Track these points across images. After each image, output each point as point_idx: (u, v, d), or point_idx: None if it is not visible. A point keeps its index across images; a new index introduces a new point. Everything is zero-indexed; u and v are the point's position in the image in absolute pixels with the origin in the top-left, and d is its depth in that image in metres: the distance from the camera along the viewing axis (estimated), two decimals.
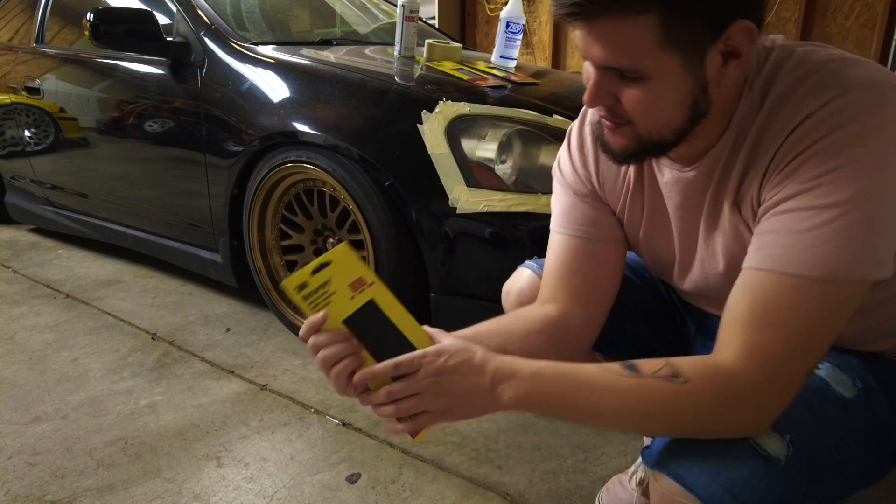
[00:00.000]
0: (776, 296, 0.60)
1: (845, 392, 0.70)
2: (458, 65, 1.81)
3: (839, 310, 0.60)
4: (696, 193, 0.74)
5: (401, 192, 1.44)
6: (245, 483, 1.20)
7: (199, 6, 1.96)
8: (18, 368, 1.66)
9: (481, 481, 1.20)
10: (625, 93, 0.64)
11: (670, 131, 0.66)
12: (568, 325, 0.85)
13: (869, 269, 0.59)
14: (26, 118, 2.58)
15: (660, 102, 0.63)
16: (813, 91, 0.62)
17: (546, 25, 4.48)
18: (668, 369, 0.62)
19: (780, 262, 0.60)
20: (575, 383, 0.65)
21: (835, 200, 0.58)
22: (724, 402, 0.61)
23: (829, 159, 0.59)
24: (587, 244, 0.86)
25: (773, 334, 0.60)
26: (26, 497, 1.17)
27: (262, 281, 1.83)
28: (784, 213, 0.61)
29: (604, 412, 0.64)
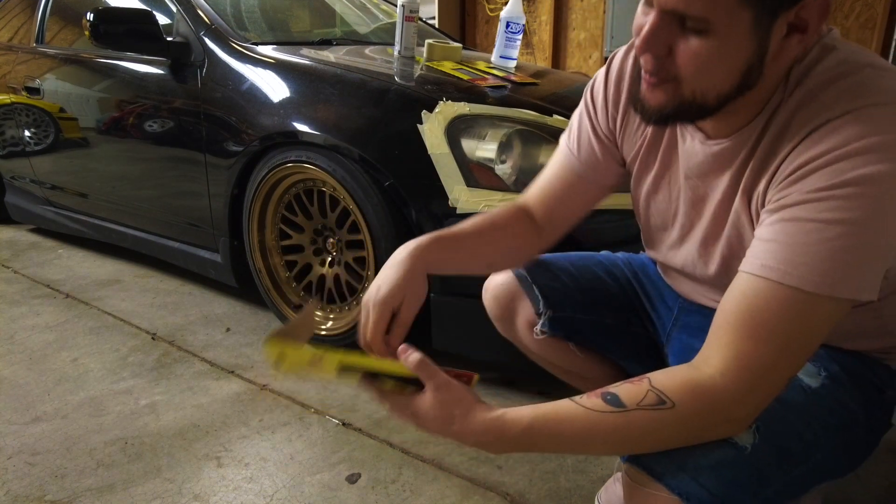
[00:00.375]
0: (769, 306, 0.60)
1: (811, 381, 0.72)
2: (458, 65, 1.81)
3: (825, 323, 0.61)
4: (715, 170, 0.73)
5: (401, 192, 1.44)
6: (245, 483, 1.20)
7: (199, 6, 1.96)
8: (18, 368, 1.66)
9: (481, 481, 1.20)
10: (682, 45, 0.61)
11: (715, 96, 0.63)
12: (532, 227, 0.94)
13: (860, 290, 0.59)
14: (26, 118, 2.58)
15: (716, 61, 0.60)
16: (840, 96, 0.60)
17: (546, 25, 4.48)
18: (653, 396, 0.62)
19: (777, 272, 0.60)
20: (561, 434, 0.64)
21: (841, 218, 0.57)
22: (710, 418, 0.62)
23: (841, 174, 0.57)
24: (577, 178, 0.91)
25: (765, 345, 0.60)
26: (26, 497, 1.17)
27: (262, 281, 1.83)
28: (787, 222, 0.60)
29: (596, 449, 0.66)
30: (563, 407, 0.64)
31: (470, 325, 1.45)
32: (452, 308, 1.46)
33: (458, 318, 1.46)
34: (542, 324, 0.99)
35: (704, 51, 0.60)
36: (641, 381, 0.64)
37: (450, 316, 1.47)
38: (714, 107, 0.65)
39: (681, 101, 0.65)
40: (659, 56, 0.63)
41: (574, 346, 1.04)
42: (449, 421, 0.67)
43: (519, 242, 0.94)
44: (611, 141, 0.88)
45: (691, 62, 0.61)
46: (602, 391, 0.64)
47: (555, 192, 0.94)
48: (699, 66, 0.61)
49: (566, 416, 0.64)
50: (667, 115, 0.67)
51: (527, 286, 0.99)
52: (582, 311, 1.00)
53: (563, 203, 0.94)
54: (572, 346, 1.03)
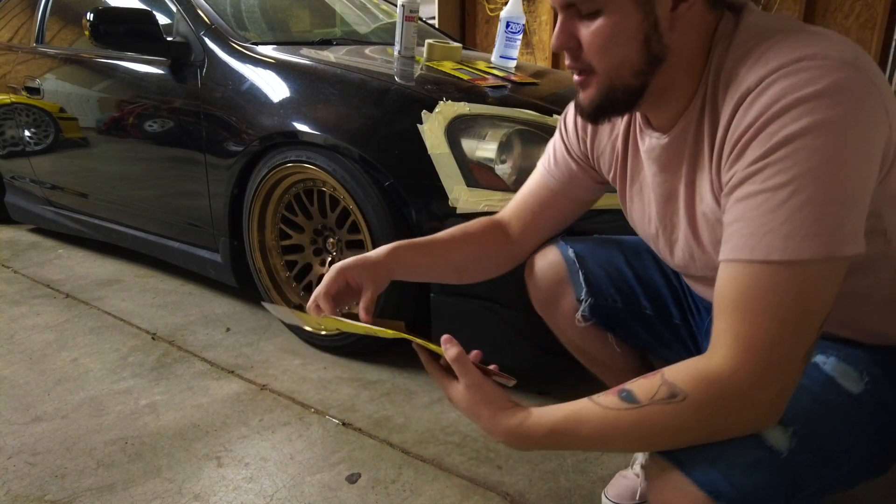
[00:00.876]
0: (749, 285, 0.60)
1: (852, 386, 0.70)
2: (458, 65, 1.81)
3: (815, 288, 0.59)
4: (672, 162, 0.75)
5: (401, 192, 1.44)
6: (245, 483, 1.20)
7: (199, 6, 1.96)
8: (18, 368, 1.66)
9: (481, 481, 1.20)
10: (583, 32, 0.67)
11: (630, 72, 0.68)
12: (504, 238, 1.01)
13: (835, 246, 0.58)
14: (26, 118, 2.58)
15: (612, 36, 0.66)
16: (755, 65, 0.62)
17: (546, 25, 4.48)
18: (665, 390, 0.62)
19: (745, 250, 0.60)
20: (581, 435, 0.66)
21: (784, 180, 0.58)
22: (724, 406, 0.61)
23: (771, 138, 0.59)
24: (552, 194, 0.98)
25: (756, 322, 0.60)
26: (26, 497, 1.17)
27: (262, 281, 1.83)
28: (741, 201, 0.61)
29: (614, 446, 0.66)
30: (582, 407, 0.66)
31: (470, 325, 1.46)
32: (452, 308, 1.46)
33: (459, 318, 1.46)
34: (583, 310, 1.00)
35: (600, 29, 0.66)
36: (655, 375, 0.64)
37: (450, 316, 1.47)
38: (636, 86, 0.69)
39: (604, 87, 0.70)
40: (571, 48, 0.70)
41: (613, 338, 1.04)
42: (476, 417, 0.72)
43: (489, 252, 1.00)
44: (585, 162, 0.94)
45: (594, 43, 0.67)
46: (618, 388, 0.65)
47: (530, 208, 1.00)
48: (601, 45, 0.67)
49: (585, 417, 0.66)
50: (600, 107, 0.72)
51: (573, 271, 1.01)
52: (624, 301, 1.00)
53: (536, 218, 1.00)
54: (611, 338, 1.04)
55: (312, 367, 1.65)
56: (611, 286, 1.00)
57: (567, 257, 1.02)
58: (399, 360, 1.68)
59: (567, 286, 1.02)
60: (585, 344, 1.07)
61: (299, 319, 0.90)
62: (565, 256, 1.02)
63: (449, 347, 0.73)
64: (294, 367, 1.66)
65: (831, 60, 0.58)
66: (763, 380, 0.60)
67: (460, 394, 0.73)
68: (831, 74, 0.58)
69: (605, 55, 0.68)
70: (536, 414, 0.69)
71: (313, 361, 1.69)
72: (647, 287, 1.01)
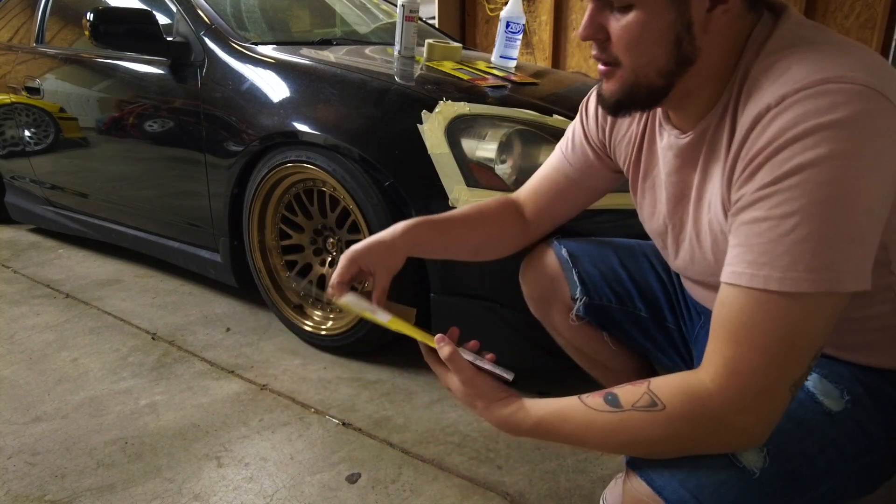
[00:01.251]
0: (743, 311, 0.59)
1: (832, 405, 0.69)
2: (458, 65, 1.81)
3: (809, 322, 0.58)
4: (687, 163, 0.74)
5: (401, 191, 1.44)
6: (245, 483, 1.20)
7: (199, 6, 1.96)
8: (18, 368, 1.66)
9: (481, 481, 1.20)
10: (613, 25, 0.66)
11: (656, 71, 0.66)
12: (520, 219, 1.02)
13: (836, 282, 0.56)
14: (26, 118, 2.58)
15: (643, 33, 0.64)
16: (778, 79, 0.60)
17: (546, 25, 4.48)
18: (647, 398, 0.63)
19: (744, 276, 0.59)
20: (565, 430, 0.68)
21: (790, 210, 0.56)
22: (700, 423, 0.61)
23: (782, 165, 0.57)
24: (567, 180, 0.97)
25: (744, 349, 0.59)
26: (26, 497, 1.17)
27: (262, 281, 1.83)
28: (746, 224, 0.60)
29: (592, 445, 0.67)
30: (569, 405, 0.68)
31: (470, 325, 1.46)
32: (452, 308, 1.46)
33: (459, 318, 1.46)
34: (578, 309, 1.00)
35: (630, 25, 0.64)
36: (643, 383, 0.64)
37: (450, 316, 1.47)
38: (662, 86, 0.67)
39: (629, 83, 0.68)
40: (598, 40, 0.68)
41: (607, 337, 1.04)
42: (472, 407, 0.75)
43: (505, 233, 1.00)
44: (602, 151, 0.93)
45: (622, 38, 0.65)
46: (606, 391, 0.66)
47: (545, 192, 0.99)
48: (629, 41, 0.65)
49: (570, 414, 0.68)
50: (621, 102, 0.70)
51: (567, 270, 1.01)
52: (618, 301, 1.00)
53: (551, 203, 1.00)
54: (606, 337, 1.04)
55: (312, 367, 1.65)
56: (605, 286, 1.00)
57: (561, 257, 1.02)
58: (399, 360, 1.68)
59: (561, 285, 1.02)
60: (581, 344, 1.07)
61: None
62: (559, 256, 1.02)
63: (442, 346, 0.76)
64: (294, 366, 1.66)
65: (857, 86, 0.56)
66: (742, 405, 0.59)
67: (455, 386, 0.76)
68: (854, 103, 0.55)
69: (633, 52, 0.66)
70: (527, 405, 0.72)
71: (313, 361, 1.69)
72: (641, 289, 1.01)
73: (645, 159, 0.84)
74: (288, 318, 1.80)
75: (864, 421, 0.69)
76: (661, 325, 1.01)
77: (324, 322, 1.73)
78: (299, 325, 1.77)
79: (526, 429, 0.71)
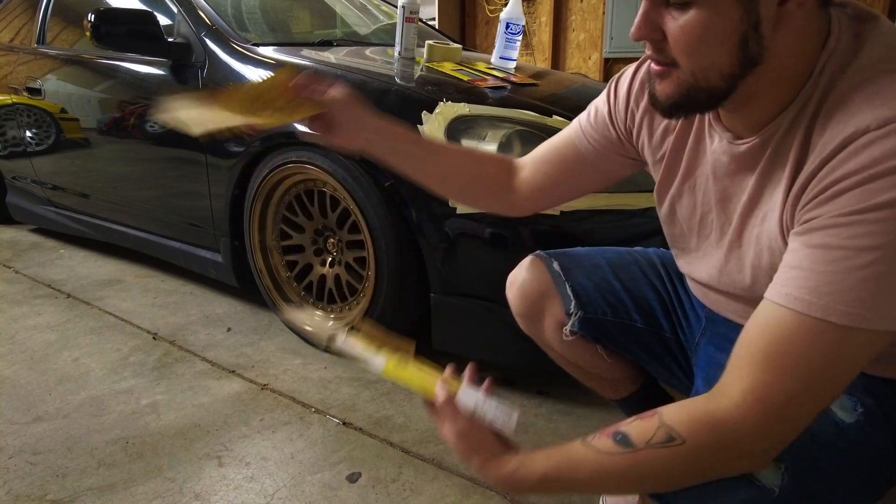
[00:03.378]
0: (795, 338, 0.56)
1: (845, 416, 0.68)
2: (458, 66, 1.82)
3: (854, 356, 0.56)
4: (740, 172, 0.70)
5: (401, 192, 1.45)
6: (246, 482, 1.21)
7: (200, 7, 1.96)
8: (20, 368, 1.67)
9: (481, 480, 1.20)
10: (671, 24, 0.60)
11: (718, 74, 0.60)
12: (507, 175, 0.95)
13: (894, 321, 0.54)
14: (28, 118, 2.59)
15: (705, 34, 0.58)
16: (875, 100, 0.55)
17: (546, 27, 4.49)
18: (663, 433, 0.59)
19: (801, 302, 0.56)
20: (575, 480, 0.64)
21: (871, 244, 0.53)
22: (722, 452, 0.59)
23: (873, 195, 0.53)
24: (577, 155, 0.90)
25: (787, 378, 0.56)
26: (27, 496, 1.18)
27: (262, 281, 1.84)
28: (814, 248, 0.56)
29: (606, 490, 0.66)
30: (575, 452, 0.64)
31: (470, 325, 1.46)
32: (452, 308, 1.46)
33: (459, 318, 1.47)
34: (573, 324, 0.96)
35: (691, 24, 0.58)
36: (653, 416, 0.61)
37: (450, 316, 1.47)
38: (723, 89, 0.62)
39: (686, 86, 0.62)
40: (654, 40, 0.62)
41: (602, 349, 1.01)
42: (468, 461, 0.70)
43: (484, 178, 0.95)
44: (626, 136, 0.86)
45: (681, 38, 0.60)
46: (613, 430, 0.63)
47: (549, 161, 0.92)
48: (689, 42, 0.59)
49: (577, 462, 0.64)
50: (678, 105, 0.65)
51: (559, 284, 0.97)
52: (613, 313, 0.97)
53: (552, 175, 0.92)
54: (600, 349, 1.01)
55: (313, 367, 1.66)
56: (600, 298, 0.97)
57: (552, 270, 0.98)
58: None
59: (553, 299, 0.98)
60: (575, 358, 1.04)
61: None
62: (550, 269, 0.98)
63: (439, 393, 0.72)
64: (295, 366, 1.67)
65: None
66: (767, 432, 0.58)
67: (451, 438, 0.71)
68: None
69: (693, 55, 0.60)
70: (529, 460, 0.67)
71: (314, 361, 1.69)
72: (636, 299, 0.97)
73: (688, 160, 0.78)
74: None
75: (873, 432, 0.68)
76: (657, 334, 0.98)
77: (324, 322, 1.74)
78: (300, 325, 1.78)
79: (530, 486, 0.67)
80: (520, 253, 1.08)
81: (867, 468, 0.68)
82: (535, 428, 1.36)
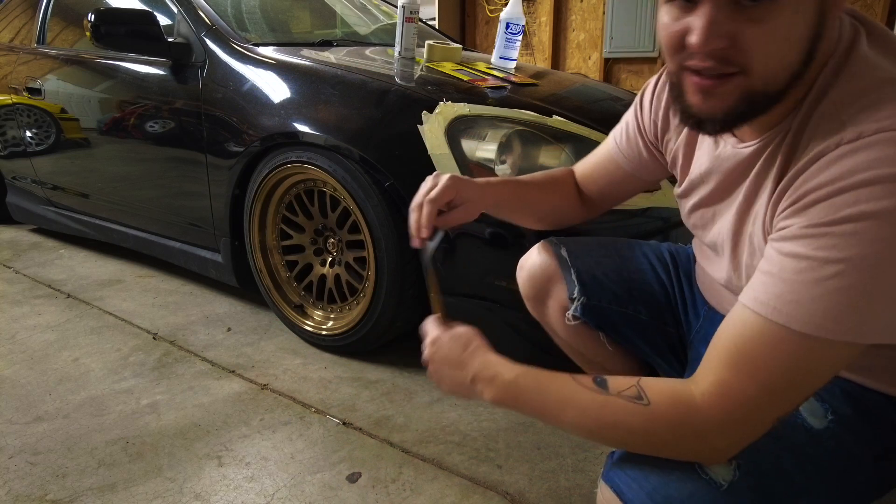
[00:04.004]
0: (757, 341, 0.58)
1: (815, 422, 0.68)
2: (458, 66, 1.82)
3: (820, 366, 0.57)
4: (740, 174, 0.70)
5: (401, 192, 1.45)
6: (246, 482, 1.21)
7: (200, 7, 1.96)
8: (20, 368, 1.67)
9: (481, 480, 1.20)
10: (747, 29, 0.55)
11: (789, 75, 0.57)
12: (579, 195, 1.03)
13: (859, 335, 0.55)
14: (28, 119, 2.59)
15: (789, 32, 0.55)
16: (857, 115, 0.54)
17: (546, 26, 4.49)
18: (634, 390, 0.63)
19: (767, 307, 0.57)
20: (546, 393, 0.67)
21: (837, 257, 0.53)
22: (678, 431, 0.61)
23: (841, 208, 0.53)
24: (619, 169, 0.97)
25: (748, 379, 0.58)
26: (27, 496, 1.18)
27: (262, 281, 1.84)
28: (784, 256, 0.57)
29: (566, 420, 0.66)
30: (559, 376, 0.68)
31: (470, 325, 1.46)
32: (452, 308, 1.46)
33: (459, 318, 1.46)
34: (575, 309, 0.99)
35: (775, 25, 0.54)
36: (635, 378, 0.64)
37: (450, 316, 1.47)
38: (784, 89, 0.59)
39: (751, 93, 0.58)
40: (721, 49, 0.56)
41: (604, 337, 1.03)
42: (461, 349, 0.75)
43: (569, 203, 1.01)
44: (654, 144, 0.91)
45: (762, 41, 0.55)
46: (597, 375, 0.67)
47: (598, 178, 1.00)
48: (770, 44, 0.55)
49: (555, 380, 0.68)
50: (737, 117, 0.61)
51: (565, 269, 0.99)
52: (617, 302, 0.99)
53: (604, 189, 1.01)
54: (602, 337, 1.03)
55: (313, 367, 1.66)
56: (604, 287, 0.98)
57: (559, 255, 1.00)
58: (399, 359, 1.68)
59: (558, 284, 1.00)
60: (578, 344, 1.06)
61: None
62: (557, 254, 1.00)
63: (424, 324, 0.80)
64: (295, 366, 1.67)
65: None
66: (725, 428, 0.59)
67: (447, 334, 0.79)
68: None
69: (772, 57, 0.56)
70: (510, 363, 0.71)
71: (314, 361, 1.69)
72: (641, 291, 0.99)
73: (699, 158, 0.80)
74: (289, 318, 1.81)
75: (848, 441, 0.68)
76: (660, 328, 1.00)
77: (324, 322, 1.74)
78: (300, 325, 1.78)
79: (505, 378, 0.70)
80: (519, 253, 1.08)
81: (843, 477, 0.67)
82: (535, 428, 1.36)
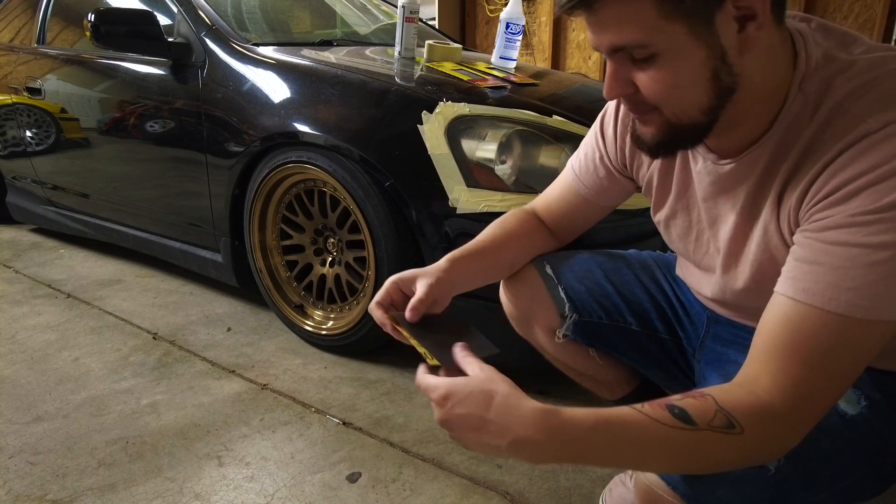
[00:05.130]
0: (819, 333, 0.58)
1: (849, 408, 0.69)
2: (458, 65, 1.82)
3: (874, 346, 0.59)
4: (731, 190, 0.72)
5: (401, 192, 1.45)
6: (246, 482, 1.21)
7: (200, 7, 1.96)
8: (20, 368, 1.67)
9: (481, 480, 1.20)
10: (640, 77, 0.61)
11: (699, 111, 0.62)
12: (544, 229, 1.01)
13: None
14: (28, 118, 2.59)
15: (677, 79, 0.60)
16: (875, 105, 0.58)
17: (546, 26, 4.49)
18: (722, 418, 0.58)
19: (823, 298, 0.58)
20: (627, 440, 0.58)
21: (887, 241, 0.55)
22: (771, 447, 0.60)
23: (888, 193, 0.55)
24: (582, 200, 0.96)
25: (820, 372, 0.58)
26: (27, 496, 1.18)
27: (262, 281, 1.84)
28: (831, 245, 0.58)
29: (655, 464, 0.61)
30: (627, 413, 0.59)
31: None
32: (452, 308, 1.46)
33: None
34: (567, 327, 0.97)
35: (661, 74, 0.60)
36: (704, 397, 0.60)
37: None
38: (706, 122, 0.64)
39: (670, 127, 0.64)
40: (629, 95, 0.64)
41: (594, 352, 1.02)
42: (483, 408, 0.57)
43: (535, 243, 0.99)
44: (620, 170, 0.91)
45: (655, 88, 0.61)
46: (665, 403, 0.60)
47: (560, 209, 0.99)
48: (664, 90, 0.61)
49: (634, 424, 0.58)
50: (666, 144, 0.67)
51: (552, 287, 0.97)
52: (608, 316, 0.97)
53: (568, 219, 0.99)
54: (592, 352, 1.02)
55: (313, 367, 1.66)
56: (594, 302, 0.97)
57: (544, 273, 0.98)
58: (399, 359, 1.68)
59: (545, 303, 0.98)
60: (568, 360, 1.04)
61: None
62: (542, 273, 0.98)
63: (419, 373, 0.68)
64: (295, 366, 1.67)
65: None
66: (803, 428, 0.60)
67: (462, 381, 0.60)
68: None
69: (670, 100, 0.62)
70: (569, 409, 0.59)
71: (314, 361, 1.69)
72: (629, 301, 0.98)
73: (678, 180, 0.81)
74: (289, 318, 1.81)
75: (879, 425, 0.70)
76: (652, 336, 0.99)
77: (324, 322, 1.74)
78: (300, 325, 1.78)
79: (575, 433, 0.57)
80: None
81: (873, 461, 0.70)
82: None
